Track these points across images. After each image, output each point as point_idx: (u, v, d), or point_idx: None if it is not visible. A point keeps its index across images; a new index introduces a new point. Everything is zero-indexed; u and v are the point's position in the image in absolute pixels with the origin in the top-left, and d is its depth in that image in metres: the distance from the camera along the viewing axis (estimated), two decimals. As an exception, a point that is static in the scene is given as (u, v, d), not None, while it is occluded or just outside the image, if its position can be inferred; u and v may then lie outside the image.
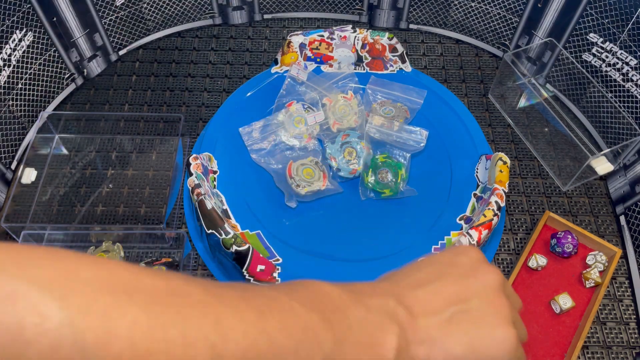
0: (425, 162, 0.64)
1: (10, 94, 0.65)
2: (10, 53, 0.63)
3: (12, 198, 0.61)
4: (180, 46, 0.80)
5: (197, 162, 0.58)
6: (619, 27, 0.64)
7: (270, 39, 0.82)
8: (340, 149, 0.63)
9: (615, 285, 0.60)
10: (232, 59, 0.79)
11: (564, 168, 0.67)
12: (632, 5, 0.61)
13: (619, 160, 0.64)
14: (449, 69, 0.78)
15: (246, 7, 0.82)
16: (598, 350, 0.56)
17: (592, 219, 0.65)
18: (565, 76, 0.72)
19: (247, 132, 0.64)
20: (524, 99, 0.72)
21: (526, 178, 0.68)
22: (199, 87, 0.76)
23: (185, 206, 0.64)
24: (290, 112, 0.65)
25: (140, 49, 0.80)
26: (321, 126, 0.65)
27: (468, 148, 0.65)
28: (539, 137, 0.70)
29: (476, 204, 0.60)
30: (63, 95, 0.74)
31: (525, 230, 0.64)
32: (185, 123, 0.72)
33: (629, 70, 0.65)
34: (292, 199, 0.60)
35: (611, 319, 0.58)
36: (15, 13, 0.63)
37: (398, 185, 0.61)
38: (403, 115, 0.67)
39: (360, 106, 0.66)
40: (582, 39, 0.69)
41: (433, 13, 0.80)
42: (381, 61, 0.71)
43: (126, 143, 0.69)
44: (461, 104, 0.69)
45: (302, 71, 0.68)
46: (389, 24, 0.83)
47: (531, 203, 0.66)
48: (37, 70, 0.69)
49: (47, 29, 0.68)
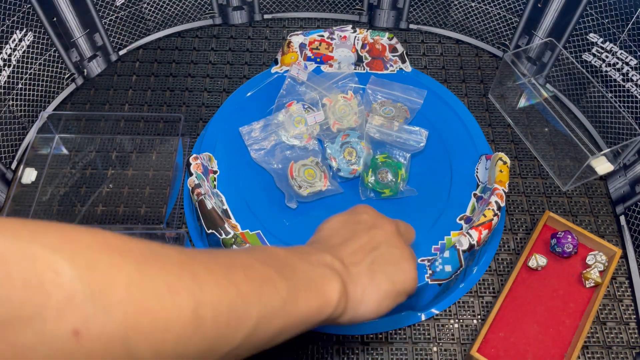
0: (425, 162, 0.64)
1: (10, 94, 0.65)
2: (10, 53, 0.63)
3: (12, 198, 0.61)
4: (180, 46, 0.80)
5: (197, 162, 0.58)
6: (619, 27, 0.64)
7: (270, 39, 0.82)
8: (340, 149, 0.63)
9: (615, 285, 0.60)
10: (232, 59, 0.79)
11: (564, 168, 0.67)
12: (632, 5, 0.61)
13: (619, 160, 0.65)
14: (449, 69, 0.78)
15: (246, 7, 0.82)
16: (598, 350, 0.56)
17: (592, 219, 0.65)
18: (565, 76, 0.72)
19: (247, 132, 0.64)
20: (524, 99, 0.72)
21: (526, 178, 0.68)
22: (199, 87, 0.76)
23: (185, 206, 0.64)
24: (290, 112, 0.65)
25: (140, 49, 0.80)
26: (321, 126, 0.65)
27: (468, 148, 0.65)
28: (539, 137, 0.70)
29: (476, 204, 0.60)
30: (63, 95, 0.74)
31: (525, 230, 0.64)
32: (185, 123, 0.72)
33: (629, 70, 0.65)
34: (292, 199, 0.60)
35: (611, 319, 0.58)
36: (15, 13, 0.63)
37: (398, 185, 0.61)
38: (403, 115, 0.67)
39: (360, 106, 0.66)
40: (582, 39, 0.69)
41: (433, 13, 0.80)
42: (381, 61, 0.71)
43: (126, 143, 0.69)
44: (461, 104, 0.69)
45: (302, 71, 0.68)
46: (389, 24, 0.83)
47: (531, 203, 0.66)
48: (37, 70, 0.69)
49: (47, 29, 0.68)
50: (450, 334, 0.57)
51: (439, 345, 0.56)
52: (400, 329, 0.57)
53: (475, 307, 0.58)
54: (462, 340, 0.56)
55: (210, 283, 0.26)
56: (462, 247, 0.52)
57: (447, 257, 0.53)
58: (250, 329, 0.28)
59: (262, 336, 0.29)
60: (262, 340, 0.30)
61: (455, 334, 0.57)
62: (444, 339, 0.56)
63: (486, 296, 0.59)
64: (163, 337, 0.23)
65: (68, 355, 0.20)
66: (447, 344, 0.56)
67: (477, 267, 0.61)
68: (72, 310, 0.20)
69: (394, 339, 0.56)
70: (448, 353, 0.55)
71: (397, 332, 0.57)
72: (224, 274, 0.28)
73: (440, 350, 0.56)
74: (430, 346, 0.56)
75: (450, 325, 0.57)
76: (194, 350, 0.25)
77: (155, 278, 0.24)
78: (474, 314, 0.58)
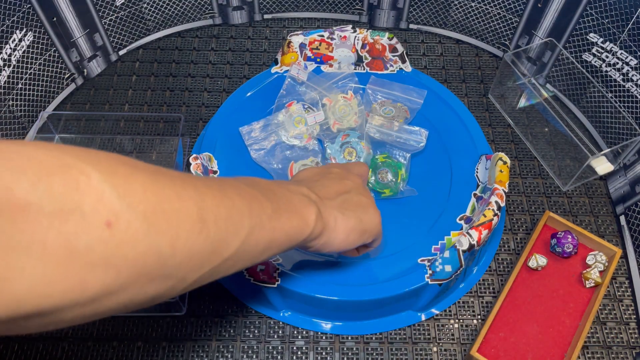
0: (425, 162, 0.64)
1: (10, 94, 0.65)
2: (10, 53, 0.63)
3: (12, 198, 0.61)
4: (180, 46, 0.80)
5: (197, 162, 0.58)
6: (619, 27, 0.64)
7: (270, 39, 0.82)
8: (340, 149, 0.63)
9: (615, 285, 0.60)
10: (232, 59, 0.79)
11: (564, 168, 0.67)
12: (632, 5, 0.61)
13: (619, 160, 0.64)
14: (449, 69, 0.78)
15: (246, 7, 0.82)
16: (598, 350, 0.56)
17: (592, 219, 0.65)
18: (565, 76, 0.72)
19: (247, 132, 0.64)
20: (524, 99, 0.72)
21: (526, 178, 0.68)
22: (199, 87, 0.76)
23: (185, 206, 0.64)
24: (290, 112, 0.65)
25: (140, 49, 0.80)
26: (321, 126, 0.65)
27: (468, 148, 0.65)
28: (539, 137, 0.70)
29: (476, 204, 0.60)
30: (63, 95, 0.74)
31: (525, 230, 0.64)
32: (185, 123, 0.72)
33: (629, 70, 0.65)
34: (292, 199, 0.60)
35: (611, 319, 0.58)
36: (15, 13, 0.63)
37: (398, 185, 0.61)
38: (403, 115, 0.67)
39: (360, 106, 0.66)
40: (582, 39, 0.69)
41: (433, 13, 0.80)
42: (381, 61, 0.71)
43: (126, 143, 0.69)
44: (461, 104, 0.69)
45: (302, 71, 0.68)
46: (389, 24, 0.83)
47: (531, 203, 0.66)
48: (37, 70, 0.69)
49: (47, 29, 0.68)
50: (450, 334, 0.57)
51: (439, 345, 0.56)
52: (400, 329, 0.57)
53: (475, 307, 0.58)
54: (462, 340, 0.56)
55: (209, 194, 0.30)
56: (462, 247, 0.52)
57: (447, 257, 0.53)
58: (244, 237, 0.32)
59: (253, 245, 0.33)
60: (254, 251, 0.34)
61: (455, 334, 0.57)
62: (444, 339, 0.56)
63: (486, 296, 0.59)
64: (177, 234, 0.27)
65: (103, 242, 0.24)
66: (447, 344, 0.56)
67: (477, 267, 0.61)
68: (103, 206, 0.24)
69: (394, 339, 0.56)
70: (448, 353, 0.55)
71: (397, 332, 0.57)
72: (218, 189, 0.32)
73: (440, 350, 0.56)
74: (430, 346, 0.56)
75: (450, 325, 0.57)
76: (202, 249, 0.29)
77: (165, 187, 0.28)
78: (474, 314, 0.58)
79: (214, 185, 0.32)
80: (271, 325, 0.57)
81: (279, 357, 0.55)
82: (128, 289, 0.26)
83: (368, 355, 0.55)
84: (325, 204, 0.41)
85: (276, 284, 0.53)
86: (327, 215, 0.41)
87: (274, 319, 0.57)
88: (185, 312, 0.57)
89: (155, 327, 0.56)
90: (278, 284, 0.53)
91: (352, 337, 0.56)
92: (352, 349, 0.55)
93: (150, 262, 0.26)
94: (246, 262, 0.34)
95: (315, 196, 0.41)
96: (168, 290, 0.29)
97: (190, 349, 0.55)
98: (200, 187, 0.30)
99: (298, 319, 0.57)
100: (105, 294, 0.25)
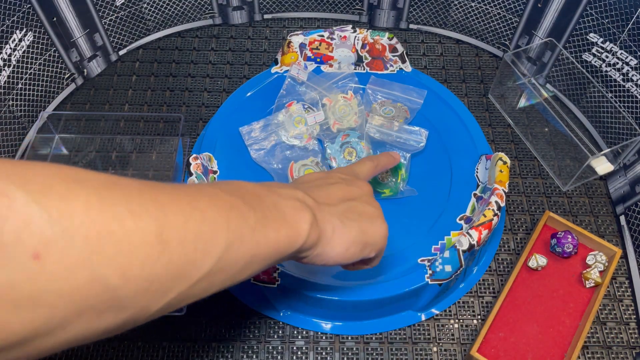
0: (425, 162, 0.64)
1: (10, 94, 0.65)
2: (10, 53, 0.63)
3: (12, 198, 0.61)
4: (180, 46, 0.80)
5: (197, 162, 0.58)
6: (619, 27, 0.64)
7: (270, 39, 0.82)
8: (340, 149, 0.63)
9: (615, 285, 0.60)
10: (232, 59, 0.79)
11: (564, 168, 0.67)
12: (632, 5, 0.61)
13: (619, 160, 0.65)
14: (449, 69, 0.78)
15: (246, 7, 0.82)
16: (598, 350, 0.56)
17: (592, 219, 0.65)
18: (565, 76, 0.72)
19: (248, 132, 0.65)
20: (524, 99, 0.72)
21: (526, 178, 0.68)
22: (199, 87, 0.76)
23: (185, 206, 0.64)
24: (290, 112, 0.65)
25: (140, 49, 0.80)
26: (321, 126, 0.65)
27: (468, 148, 0.65)
28: (539, 137, 0.70)
29: (476, 204, 0.60)
30: (63, 95, 0.74)
31: (525, 230, 0.64)
32: (185, 123, 0.72)
33: (629, 70, 0.65)
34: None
35: (611, 319, 0.58)
36: (15, 13, 0.63)
37: (398, 185, 0.61)
38: (403, 115, 0.67)
39: (360, 106, 0.66)
40: (582, 39, 0.69)
41: (433, 13, 0.80)
42: (381, 61, 0.71)
43: (126, 143, 0.69)
44: (461, 104, 0.69)
45: (302, 71, 0.68)
46: (389, 24, 0.83)
47: (531, 203, 0.66)
48: (37, 70, 0.69)
49: (47, 29, 0.68)
50: (450, 334, 0.57)
51: (439, 345, 0.56)
52: (400, 329, 0.57)
53: (475, 307, 0.58)
54: (462, 340, 0.56)
55: (173, 208, 0.26)
56: (462, 247, 0.52)
57: (447, 257, 0.53)
58: (219, 255, 0.28)
59: (232, 264, 0.29)
60: (233, 269, 0.29)
61: (455, 334, 0.57)
62: (444, 339, 0.56)
63: (486, 296, 0.59)
64: (129, 261, 0.23)
65: (32, 278, 0.20)
66: (447, 344, 0.56)
67: (477, 267, 0.61)
68: (30, 234, 0.20)
69: (394, 339, 0.56)
70: (448, 353, 0.55)
71: (397, 332, 0.57)
72: (187, 202, 0.27)
73: (440, 351, 0.56)
74: (430, 346, 0.56)
75: (450, 325, 0.57)
76: (163, 274, 0.25)
77: (116, 203, 0.23)
78: (474, 314, 0.58)
79: (183, 197, 0.28)
80: (271, 325, 0.57)
81: (279, 357, 0.55)
82: (71, 326, 0.23)
83: (368, 355, 0.55)
84: (323, 210, 0.37)
85: (276, 284, 0.53)
86: (324, 222, 0.36)
87: (274, 319, 0.57)
88: (185, 312, 0.57)
89: (155, 327, 0.56)
90: (278, 284, 0.53)
91: (352, 337, 0.56)
92: (352, 349, 0.55)
93: (95, 295, 0.22)
94: (226, 282, 0.30)
95: (311, 201, 0.36)
96: (128, 320, 0.25)
97: (190, 349, 0.55)
98: (163, 201, 0.26)
99: (298, 319, 0.57)
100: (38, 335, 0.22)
